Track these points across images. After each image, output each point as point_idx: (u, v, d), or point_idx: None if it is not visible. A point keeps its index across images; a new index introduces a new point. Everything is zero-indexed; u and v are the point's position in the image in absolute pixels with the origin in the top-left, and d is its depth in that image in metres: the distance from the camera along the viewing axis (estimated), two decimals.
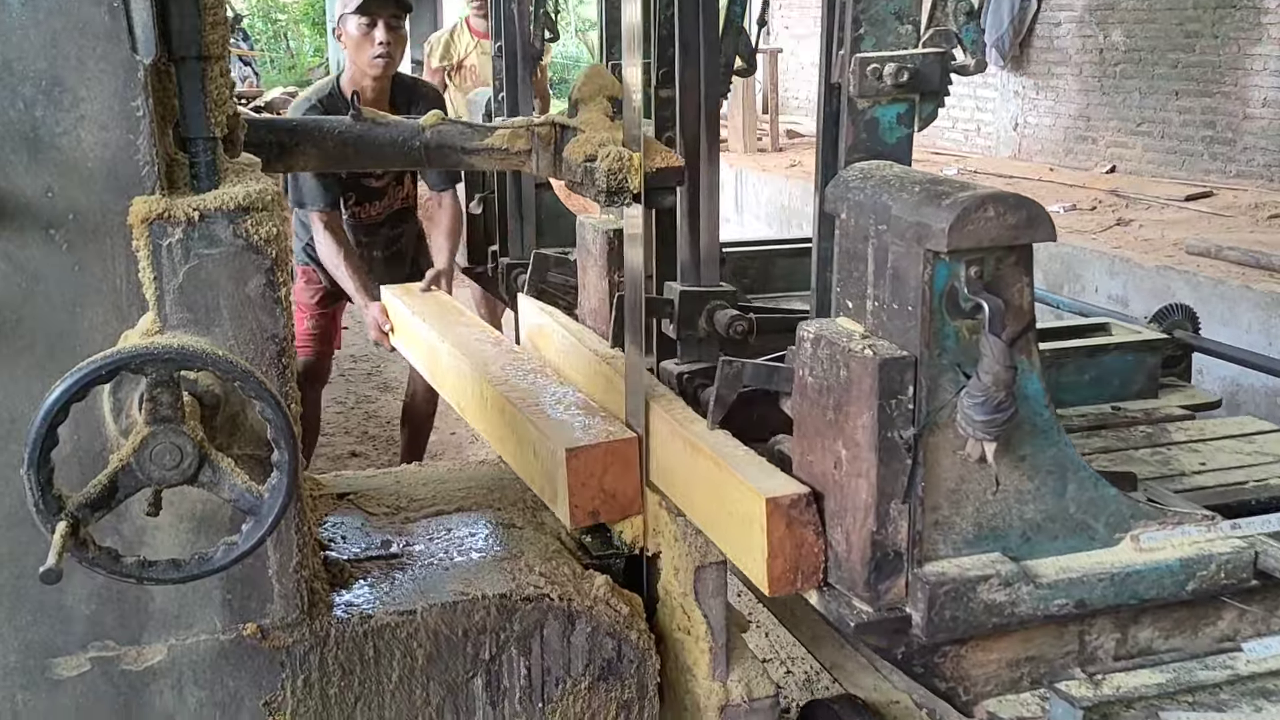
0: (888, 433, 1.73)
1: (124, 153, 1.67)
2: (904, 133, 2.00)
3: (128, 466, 1.54)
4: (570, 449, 2.22)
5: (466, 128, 2.57)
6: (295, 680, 1.95)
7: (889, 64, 1.92)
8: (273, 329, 1.77)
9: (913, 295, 1.72)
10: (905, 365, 1.72)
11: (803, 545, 1.88)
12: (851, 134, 1.96)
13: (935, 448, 1.75)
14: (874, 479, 1.75)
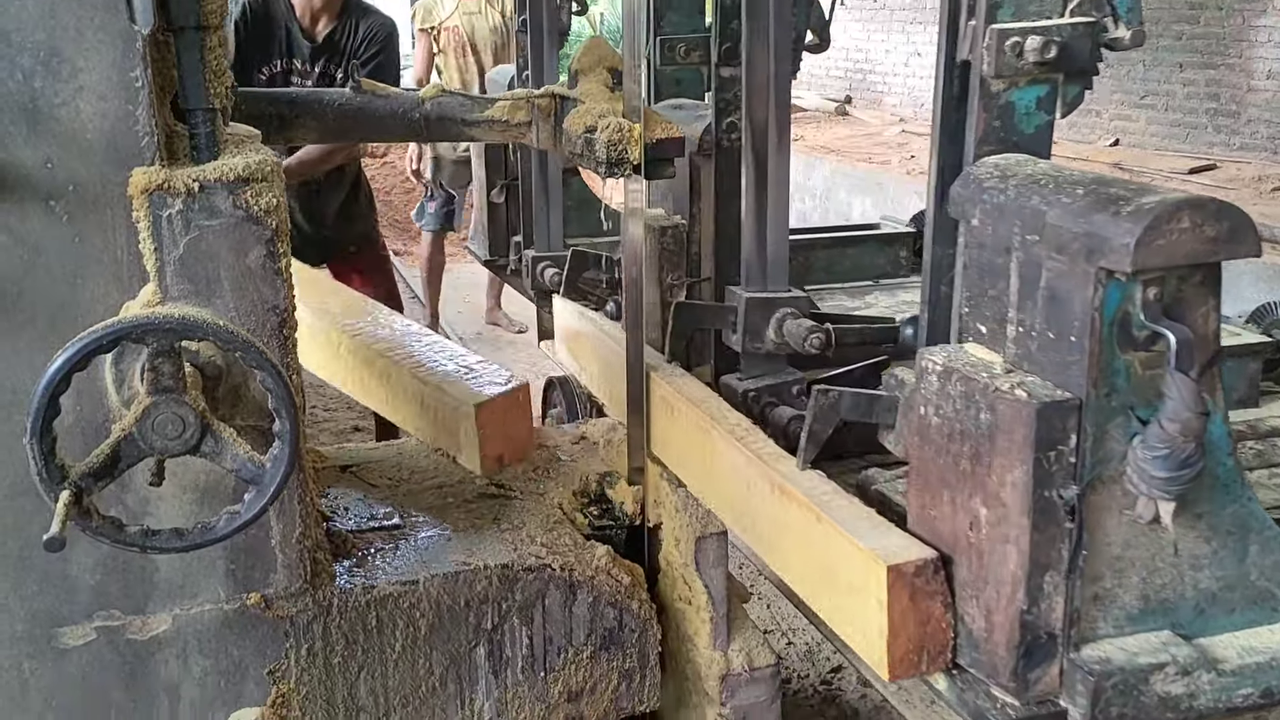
0: (1044, 491, 1.45)
1: (123, 124, 1.67)
2: (1044, 120, 1.70)
3: (130, 436, 1.55)
4: (478, 403, 2.37)
5: (466, 99, 2.57)
6: (299, 649, 1.96)
7: (1032, 37, 1.61)
8: (274, 300, 1.77)
9: (1076, 322, 1.43)
10: (1068, 410, 1.43)
11: (929, 621, 1.60)
12: (983, 121, 1.66)
13: (1098, 507, 1.48)
14: (1025, 547, 1.46)
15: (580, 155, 2.33)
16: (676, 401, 2.22)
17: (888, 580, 1.56)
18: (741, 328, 2.30)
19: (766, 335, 2.29)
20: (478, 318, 7.47)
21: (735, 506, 2.04)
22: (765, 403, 2.29)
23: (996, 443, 1.47)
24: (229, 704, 1.95)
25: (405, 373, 2.52)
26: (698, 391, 2.23)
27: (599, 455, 2.56)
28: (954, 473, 1.56)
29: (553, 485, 2.44)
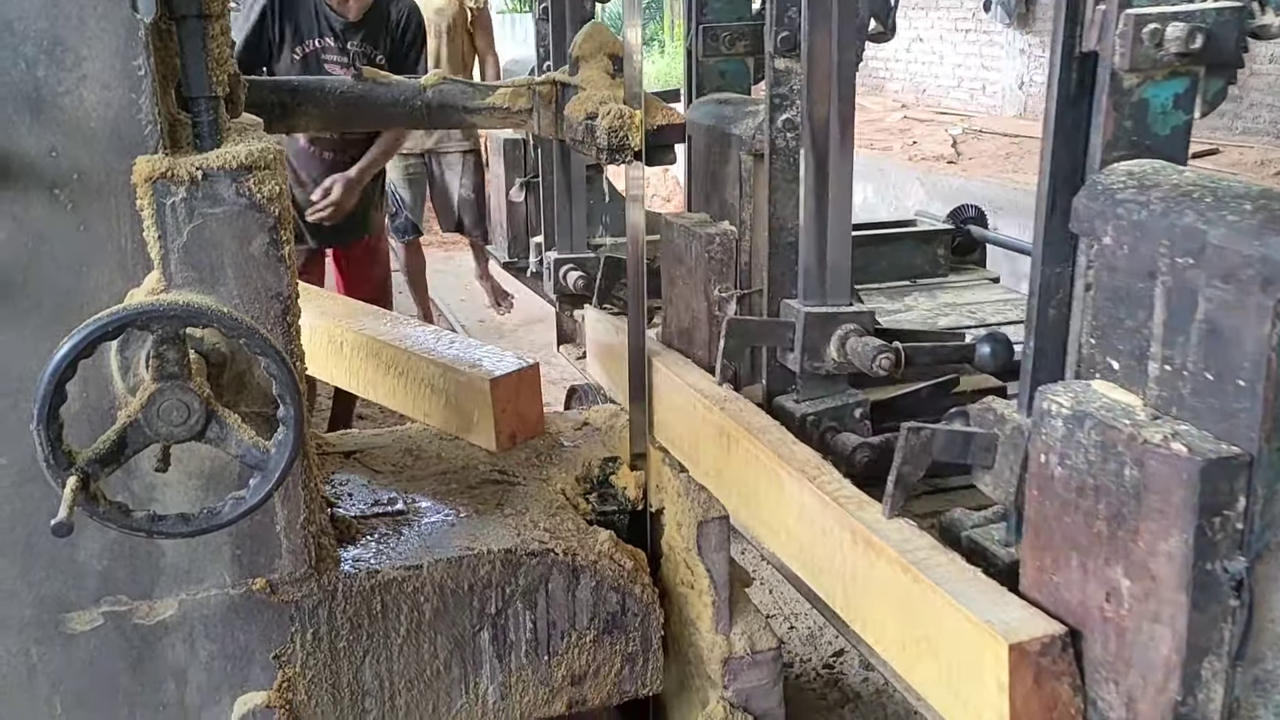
0: (1206, 563, 1.26)
1: (126, 112, 1.68)
2: (1181, 120, 1.50)
3: (136, 423, 1.56)
4: (493, 378, 2.42)
5: (468, 86, 2.58)
6: (304, 634, 1.98)
7: (1174, 24, 1.42)
8: (277, 287, 1.79)
9: (1246, 363, 1.24)
10: (1236, 468, 1.24)
11: (1055, 705, 1.42)
12: (1112, 121, 1.46)
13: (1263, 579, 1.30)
14: (1182, 628, 1.28)
15: (581, 142, 2.33)
16: (735, 432, 2.03)
17: (1010, 660, 1.36)
18: (800, 346, 2.11)
19: (827, 354, 2.11)
20: (479, 306, 7.48)
21: (805, 553, 1.83)
22: (826, 428, 2.14)
23: (1145, 504, 1.28)
24: (235, 688, 1.97)
25: (414, 358, 2.55)
26: (758, 420, 2.06)
27: (602, 441, 2.58)
28: (1085, 534, 1.36)
29: (556, 471, 2.46)
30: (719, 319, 2.30)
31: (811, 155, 2.08)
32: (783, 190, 2.22)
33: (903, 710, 2.93)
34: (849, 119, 2.07)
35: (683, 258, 2.46)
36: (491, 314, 7.28)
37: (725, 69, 2.82)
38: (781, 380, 2.25)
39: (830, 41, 2.04)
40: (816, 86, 2.06)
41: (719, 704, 2.24)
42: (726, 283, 2.36)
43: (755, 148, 2.31)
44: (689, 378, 2.28)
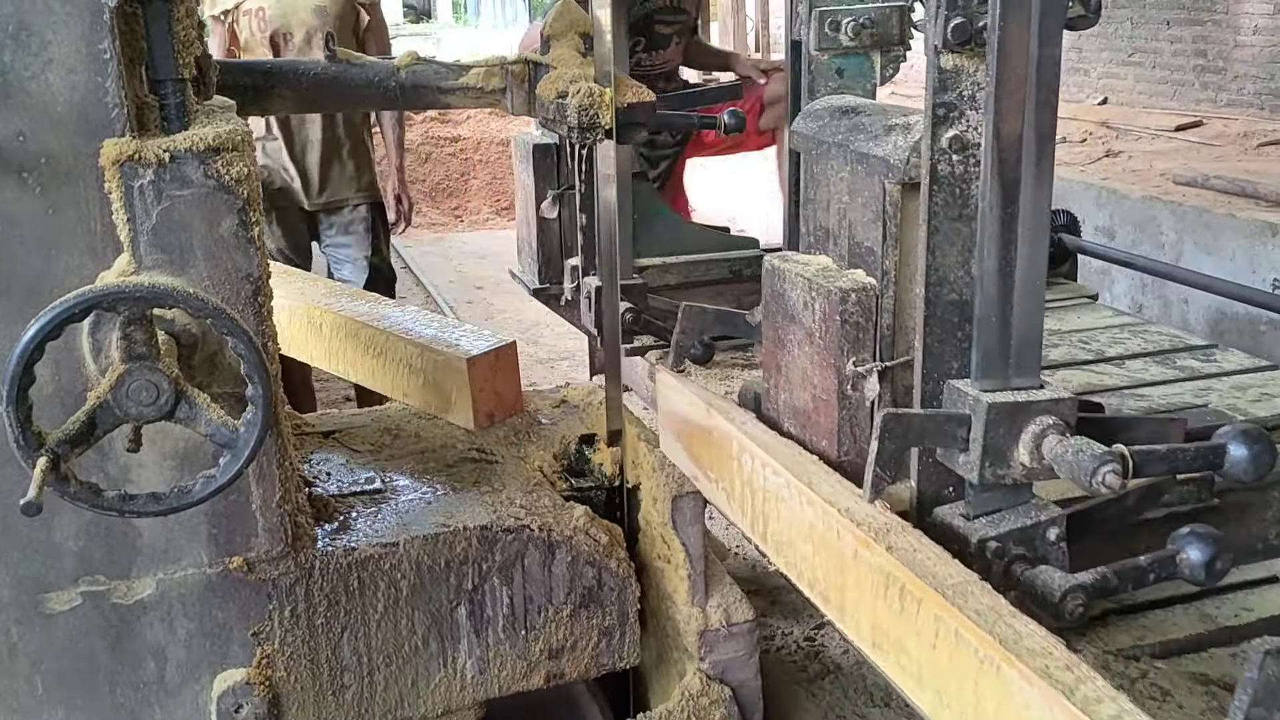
0: None
1: (93, 95, 1.69)
2: None
3: (105, 403, 1.58)
4: (470, 357, 2.42)
5: (441, 67, 2.58)
6: (282, 611, 2.00)
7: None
8: (247, 268, 1.80)
9: None
10: None
11: None
12: None
13: None
14: None
15: (552, 120, 2.34)
16: (915, 588, 1.44)
17: None
18: (980, 449, 1.58)
19: (1015, 458, 1.58)
20: (469, 287, 7.50)
21: None
22: (1013, 557, 1.61)
23: None
24: (214, 665, 1.99)
25: (392, 338, 2.56)
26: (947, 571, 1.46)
27: (580, 418, 2.60)
28: None
29: (533, 449, 2.48)
30: (852, 400, 1.86)
31: (997, 185, 1.55)
32: (946, 232, 1.70)
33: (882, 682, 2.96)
34: (1048, 136, 1.56)
35: (799, 318, 1.95)
36: (480, 293, 7.30)
37: (844, 66, 2.25)
38: (936, 480, 1.73)
39: (1029, 31, 1.52)
40: (1008, 93, 1.54)
41: (695, 676, 2.26)
42: (864, 353, 1.87)
43: (908, 175, 1.80)
44: (823, 488, 1.70)
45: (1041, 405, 1.57)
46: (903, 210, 1.85)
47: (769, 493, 1.81)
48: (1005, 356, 1.60)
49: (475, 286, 7.48)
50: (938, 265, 1.71)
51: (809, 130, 2.07)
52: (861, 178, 1.90)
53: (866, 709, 2.77)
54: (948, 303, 1.72)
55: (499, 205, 9.81)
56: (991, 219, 1.57)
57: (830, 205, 2.01)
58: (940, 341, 1.74)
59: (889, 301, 1.88)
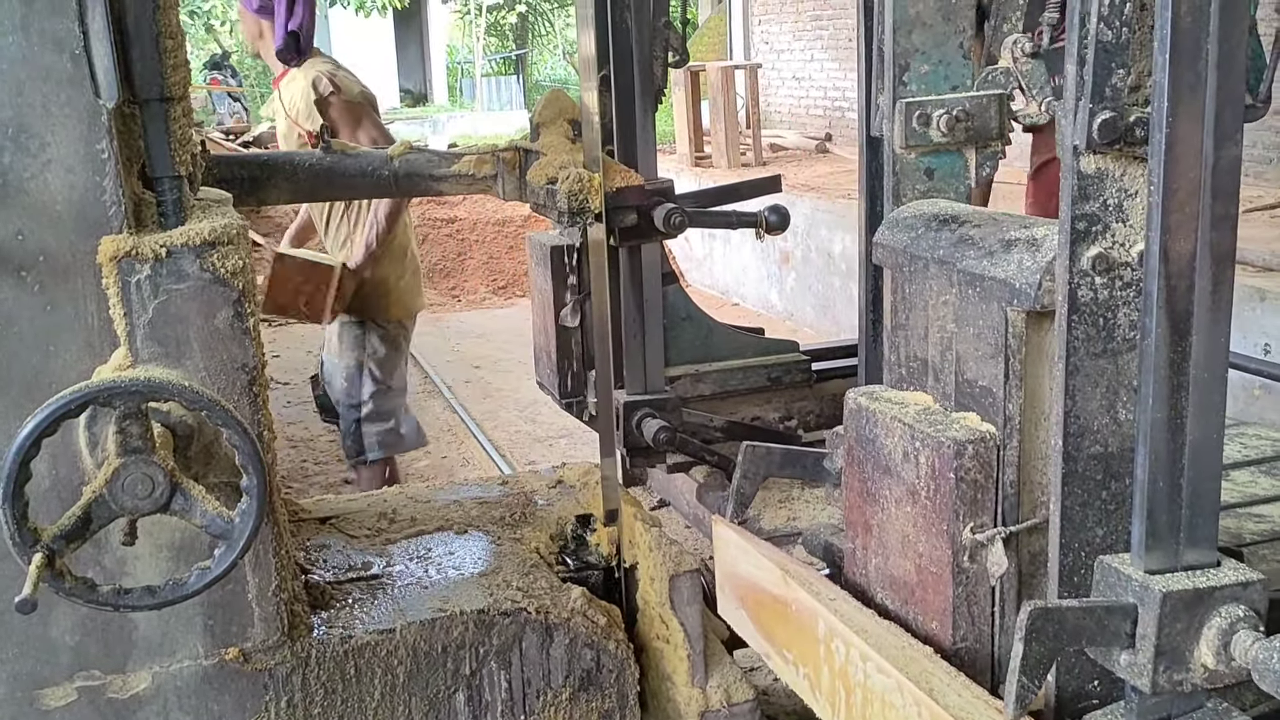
0: None
1: (91, 194, 1.72)
2: None
3: (101, 497, 1.59)
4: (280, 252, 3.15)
5: (434, 155, 2.64)
6: (279, 702, 1.99)
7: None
8: (243, 359, 1.82)
9: None
10: None
11: None
12: None
13: None
14: None
15: (543, 206, 2.39)
16: None
17: None
18: (1152, 647, 1.28)
19: (1195, 658, 1.29)
20: (466, 366, 7.53)
21: None
22: None
23: None
24: None
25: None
26: None
27: (576, 499, 2.60)
28: None
29: (530, 530, 2.48)
30: (969, 573, 1.56)
31: (1164, 317, 1.27)
32: (1088, 371, 1.43)
33: None
34: (1228, 256, 1.28)
35: (898, 471, 1.66)
36: (477, 372, 7.33)
37: (934, 165, 1.92)
38: (1078, 675, 1.45)
39: (1203, 127, 1.24)
40: (1178, 204, 1.25)
41: None
42: (984, 517, 1.57)
43: (1039, 302, 1.50)
44: (949, 697, 1.40)
45: (1227, 591, 1.28)
46: (1028, 343, 1.55)
47: (872, 693, 1.50)
48: (1176, 529, 1.31)
49: (473, 366, 7.52)
50: (1078, 411, 1.43)
51: (899, 243, 1.76)
52: (973, 303, 1.60)
53: None
54: (1090, 456, 1.44)
55: (495, 285, 9.90)
56: (1159, 359, 1.28)
57: (929, 334, 1.71)
58: (1081, 504, 1.45)
59: (1013, 453, 1.57)
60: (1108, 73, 1.32)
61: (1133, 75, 1.33)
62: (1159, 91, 1.24)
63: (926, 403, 1.68)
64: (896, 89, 1.86)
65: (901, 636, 1.58)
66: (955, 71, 1.89)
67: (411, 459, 5.71)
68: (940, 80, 1.88)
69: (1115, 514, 1.46)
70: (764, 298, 8.86)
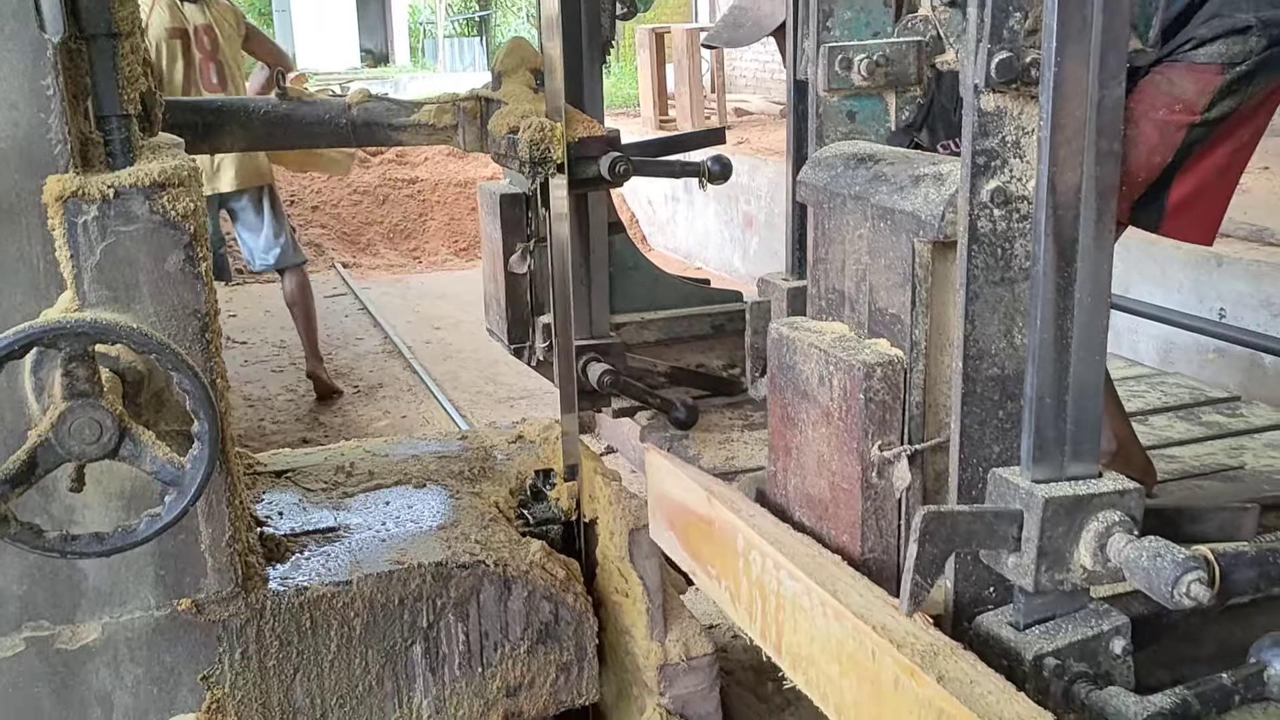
0: None
1: (36, 131, 1.67)
2: None
3: (46, 442, 1.55)
4: None
5: (393, 104, 2.59)
6: (233, 653, 1.97)
7: None
8: (194, 304, 1.78)
9: None
10: None
11: None
12: None
13: None
14: None
15: (505, 156, 2.35)
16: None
17: None
18: (1034, 550, 1.37)
19: (1075, 560, 1.39)
20: (427, 327, 7.47)
21: None
22: (1074, 676, 1.41)
23: None
24: (163, 711, 1.95)
25: None
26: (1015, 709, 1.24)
27: (536, 454, 2.58)
28: None
29: (488, 484, 2.46)
30: (878, 489, 1.66)
31: (1051, 245, 1.37)
32: (987, 298, 1.51)
33: None
34: (1110, 190, 1.37)
35: (814, 394, 1.75)
36: (438, 333, 7.27)
37: (856, 109, 2.01)
38: (975, 581, 1.53)
39: (1088, 68, 1.34)
40: (1065, 140, 1.35)
41: (655, 711, 2.24)
42: (890, 436, 1.66)
43: (942, 232, 1.57)
44: (852, 598, 1.47)
45: (1105, 498, 1.37)
46: (934, 273, 1.63)
47: (784, 599, 1.58)
48: (1060, 442, 1.41)
49: (433, 327, 7.45)
50: (977, 335, 1.51)
51: (819, 180, 1.84)
52: (885, 236, 1.68)
53: None
54: (988, 378, 1.52)
55: (457, 246, 9.81)
56: (1046, 284, 1.37)
57: (846, 266, 1.80)
58: (980, 422, 1.53)
59: (919, 376, 1.66)
60: (1005, 15, 1.39)
61: (1030, 19, 1.38)
62: (1048, 33, 1.31)
63: (843, 331, 1.76)
64: (820, 34, 1.92)
65: (813, 547, 1.65)
66: (876, 18, 1.96)
67: (370, 419, 5.67)
68: (862, 26, 1.95)
69: (1011, 432, 1.53)
70: (727, 262, 8.84)
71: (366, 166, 10.34)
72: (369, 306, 7.95)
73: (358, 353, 6.91)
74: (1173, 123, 2.29)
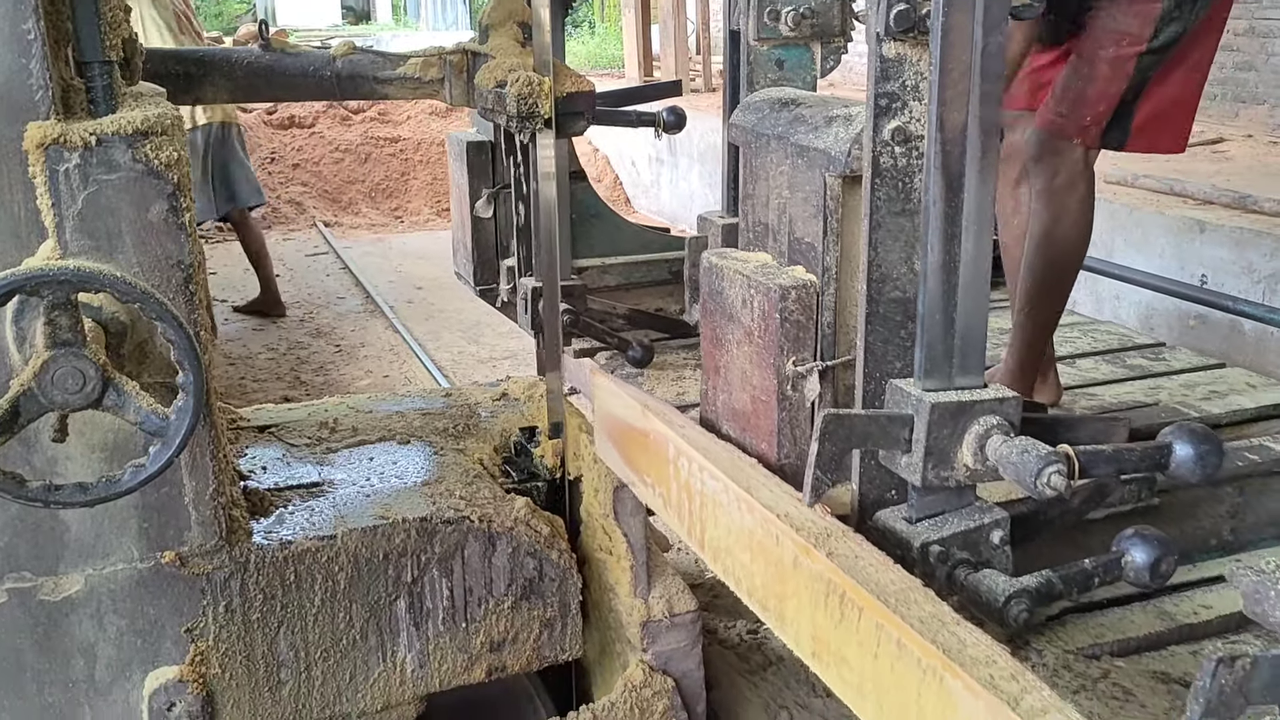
0: None
1: (16, 77, 1.64)
2: None
3: (29, 390, 1.54)
4: None
5: (378, 56, 2.56)
6: (217, 607, 1.96)
7: None
8: (178, 255, 1.76)
9: None
10: None
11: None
12: None
13: None
14: None
15: (491, 110, 2.33)
16: (856, 596, 1.36)
17: None
18: (922, 449, 1.54)
19: (958, 459, 1.55)
20: (409, 287, 7.43)
21: None
22: (956, 562, 1.57)
23: None
24: (146, 663, 1.95)
25: None
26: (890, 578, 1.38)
27: (520, 411, 2.58)
28: None
29: (473, 441, 2.46)
30: (792, 401, 1.80)
31: (940, 178, 1.52)
32: (888, 227, 1.66)
33: None
34: (994, 127, 1.52)
35: (738, 316, 1.90)
36: (420, 293, 7.24)
37: (785, 57, 2.19)
38: (879, 485, 1.69)
39: (973, 18, 1.48)
40: (952, 83, 1.49)
41: (638, 667, 2.26)
42: (804, 353, 1.81)
43: (849, 168, 1.74)
44: (762, 493, 1.61)
45: (986, 405, 1.54)
46: (844, 205, 1.79)
47: (706, 497, 1.73)
48: (949, 355, 1.56)
49: (415, 286, 7.42)
50: (880, 261, 1.66)
51: (747, 123, 1.99)
52: (802, 171, 1.84)
53: (809, 699, 2.78)
54: (890, 300, 1.68)
55: (439, 206, 9.74)
56: (935, 213, 1.52)
57: (770, 200, 1.94)
58: (883, 340, 1.69)
59: (830, 299, 1.82)
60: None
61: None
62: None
63: (766, 260, 1.91)
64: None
65: (732, 452, 1.78)
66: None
67: (352, 378, 5.65)
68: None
69: (910, 350, 1.66)
70: None
71: (348, 125, 10.24)
72: (350, 266, 7.91)
73: (339, 312, 6.88)
74: (1123, 55, 2.48)
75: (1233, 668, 1.09)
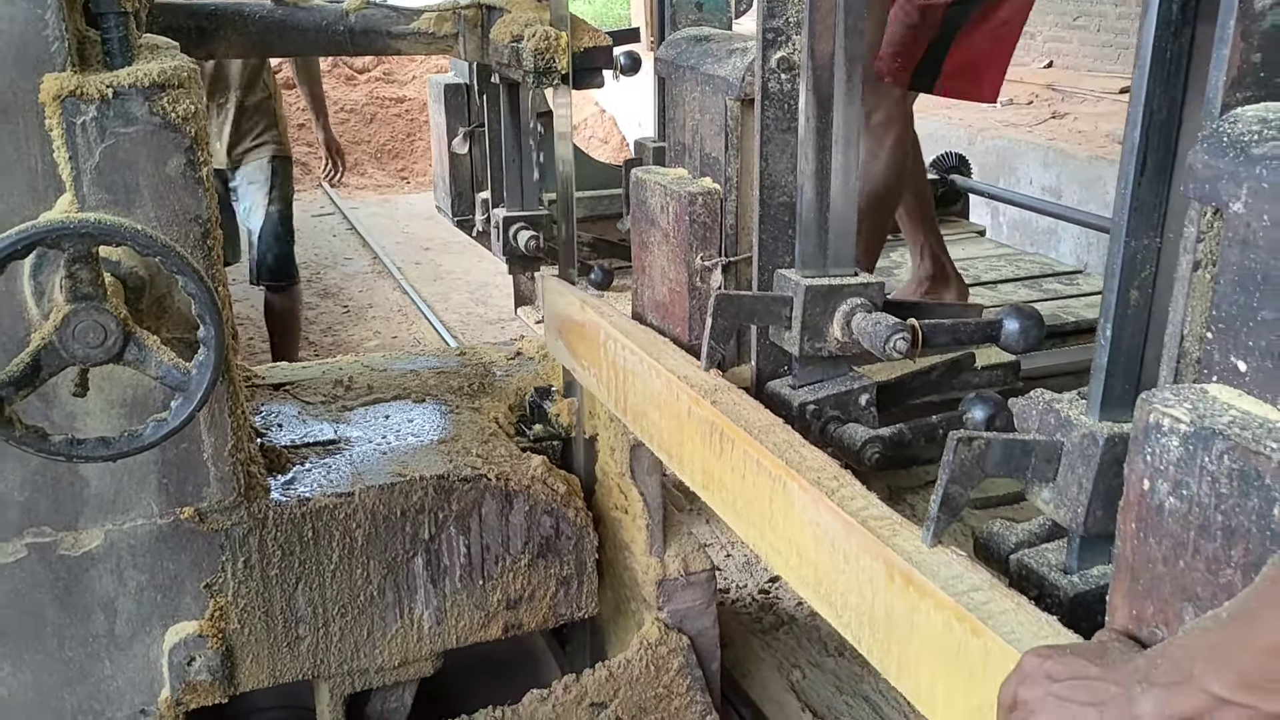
0: None
1: (32, 28, 1.62)
2: None
3: (51, 344, 1.53)
4: None
5: (392, 11, 2.52)
6: (235, 562, 1.97)
7: None
8: (195, 210, 1.75)
9: None
10: None
11: None
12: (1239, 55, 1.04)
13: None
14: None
15: (507, 65, 2.30)
16: (731, 432, 1.66)
17: None
18: (799, 325, 1.79)
19: (830, 333, 1.80)
20: (416, 248, 7.41)
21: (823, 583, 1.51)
22: (828, 418, 1.84)
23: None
24: (166, 618, 1.95)
25: None
26: (757, 417, 1.68)
27: (535, 370, 2.58)
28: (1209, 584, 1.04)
29: (488, 400, 2.46)
30: (701, 291, 2.05)
31: (812, 100, 1.75)
32: (776, 142, 1.89)
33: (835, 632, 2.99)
34: (857, 57, 1.75)
35: (658, 220, 2.14)
36: (427, 254, 7.22)
37: (704, 1, 2.50)
38: (774, 361, 1.94)
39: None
40: (820, 17, 1.72)
41: (654, 625, 2.27)
42: (710, 250, 2.06)
43: (743, 92, 1.99)
44: (669, 361, 1.91)
45: (852, 288, 1.80)
46: (742, 124, 2.04)
47: (628, 371, 2.04)
48: (824, 248, 1.83)
49: (423, 247, 7.40)
50: (770, 171, 1.91)
51: (668, 57, 2.26)
52: (709, 96, 2.10)
53: (820, 657, 2.80)
54: (779, 204, 1.93)
55: None
56: (809, 130, 1.78)
57: (685, 123, 2.21)
58: (773, 238, 1.95)
59: (732, 204, 2.08)
60: None
61: None
62: None
63: (682, 173, 2.19)
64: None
65: (651, 334, 2.10)
66: None
67: (361, 339, 5.64)
68: None
69: None
70: None
71: (353, 85, 10.17)
72: (357, 226, 7.88)
73: (347, 273, 6.86)
74: (933, 5, 2.84)
75: (970, 446, 1.30)
